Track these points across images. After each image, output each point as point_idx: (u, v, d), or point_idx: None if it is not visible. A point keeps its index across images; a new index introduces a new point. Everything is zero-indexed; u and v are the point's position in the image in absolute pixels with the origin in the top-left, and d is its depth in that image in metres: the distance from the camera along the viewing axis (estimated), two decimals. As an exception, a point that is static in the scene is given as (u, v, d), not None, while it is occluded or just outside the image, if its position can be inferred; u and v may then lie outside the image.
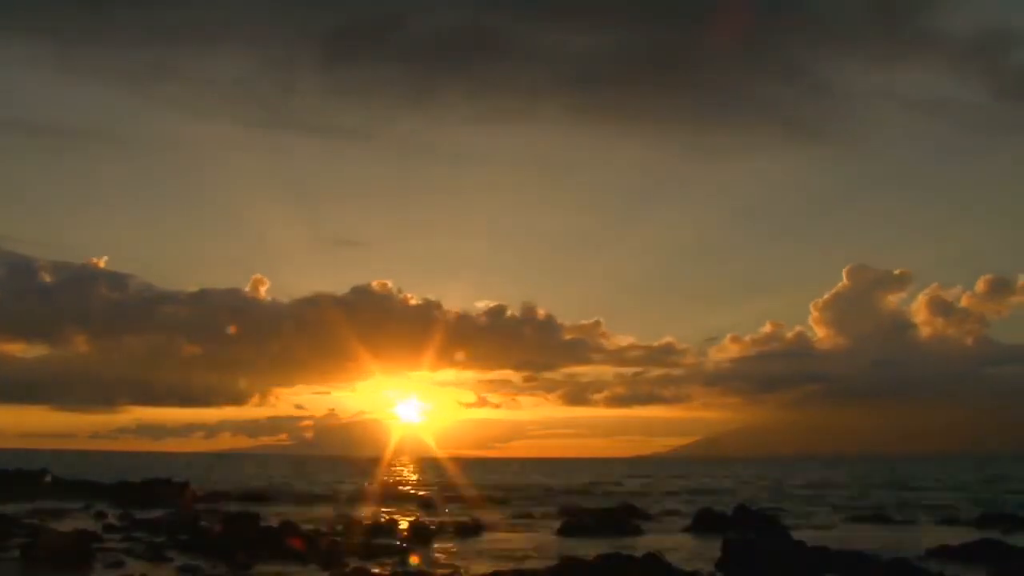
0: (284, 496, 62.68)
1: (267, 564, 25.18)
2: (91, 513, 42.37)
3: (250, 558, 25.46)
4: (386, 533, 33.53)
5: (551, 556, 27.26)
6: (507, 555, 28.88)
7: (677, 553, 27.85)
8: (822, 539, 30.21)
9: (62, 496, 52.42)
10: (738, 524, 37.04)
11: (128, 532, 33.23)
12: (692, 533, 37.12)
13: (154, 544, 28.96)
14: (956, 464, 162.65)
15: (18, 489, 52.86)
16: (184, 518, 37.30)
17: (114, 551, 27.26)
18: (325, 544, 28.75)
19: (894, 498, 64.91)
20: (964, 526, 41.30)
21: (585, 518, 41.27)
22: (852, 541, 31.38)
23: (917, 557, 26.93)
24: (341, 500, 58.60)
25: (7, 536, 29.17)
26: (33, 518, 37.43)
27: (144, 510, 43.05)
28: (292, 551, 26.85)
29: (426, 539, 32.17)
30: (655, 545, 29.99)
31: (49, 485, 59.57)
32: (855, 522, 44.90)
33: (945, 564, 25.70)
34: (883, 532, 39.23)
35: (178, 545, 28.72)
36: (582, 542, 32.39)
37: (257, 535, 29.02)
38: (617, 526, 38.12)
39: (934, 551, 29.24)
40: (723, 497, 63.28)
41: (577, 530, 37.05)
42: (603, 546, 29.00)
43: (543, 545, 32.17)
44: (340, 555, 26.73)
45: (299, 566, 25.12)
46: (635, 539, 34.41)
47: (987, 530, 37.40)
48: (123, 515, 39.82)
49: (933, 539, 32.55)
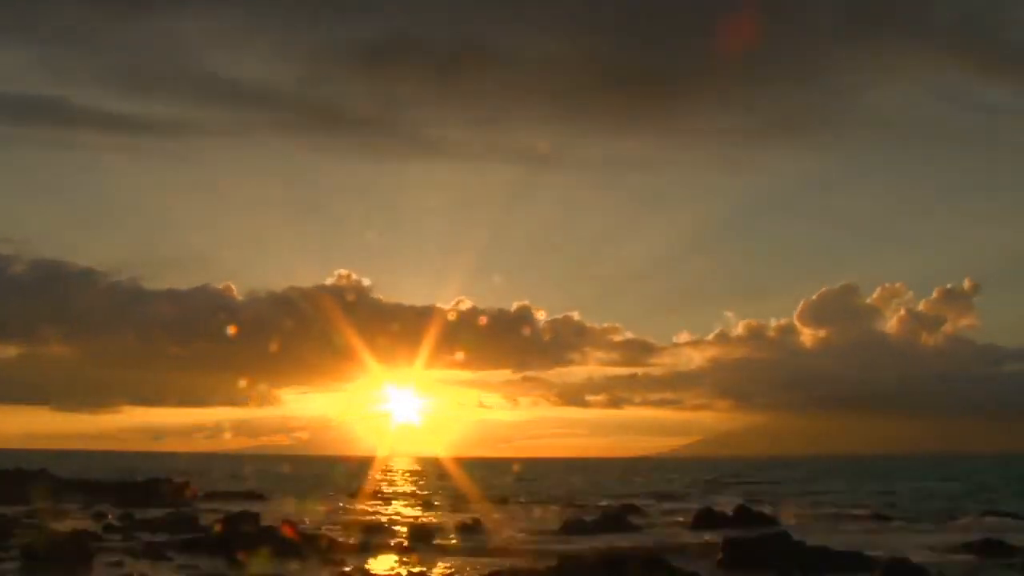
0: (284, 496, 62.64)
1: (267, 564, 25.17)
2: (91, 513, 42.32)
3: (250, 558, 25.46)
4: (386, 533, 33.53)
5: (551, 556, 27.23)
6: (507, 555, 28.85)
7: (677, 553, 27.83)
8: (822, 539, 30.22)
9: (62, 496, 52.36)
10: (738, 524, 37.12)
11: (128, 532, 33.22)
12: (692, 533, 37.11)
13: (154, 544, 28.95)
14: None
15: (18, 489, 52.76)
16: (184, 518, 37.28)
17: (114, 551, 27.27)
18: (325, 544, 28.73)
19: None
20: (964, 526, 41.27)
21: (585, 518, 41.29)
22: (852, 541, 31.38)
23: (917, 557, 26.92)
24: (341, 500, 58.61)
25: (7, 536, 29.18)
26: (33, 518, 37.39)
27: (144, 510, 43.07)
28: (292, 551, 26.83)
29: (426, 538, 32.16)
30: (655, 545, 30.01)
31: (49, 485, 59.50)
32: (855, 522, 44.85)
33: (945, 564, 25.71)
34: (883, 532, 39.20)
35: (178, 545, 28.72)
36: (582, 542, 32.36)
37: (257, 535, 29.01)
38: (617, 526, 38.14)
39: (934, 550, 29.27)
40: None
41: (577, 530, 37.06)
42: (603, 546, 29.01)
43: (543, 545, 32.13)
44: (340, 555, 26.73)
45: (299, 565, 25.11)
46: (635, 539, 34.38)
47: (987, 530, 37.39)
48: (123, 515, 39.80)
49: (933, 539, 32.57)
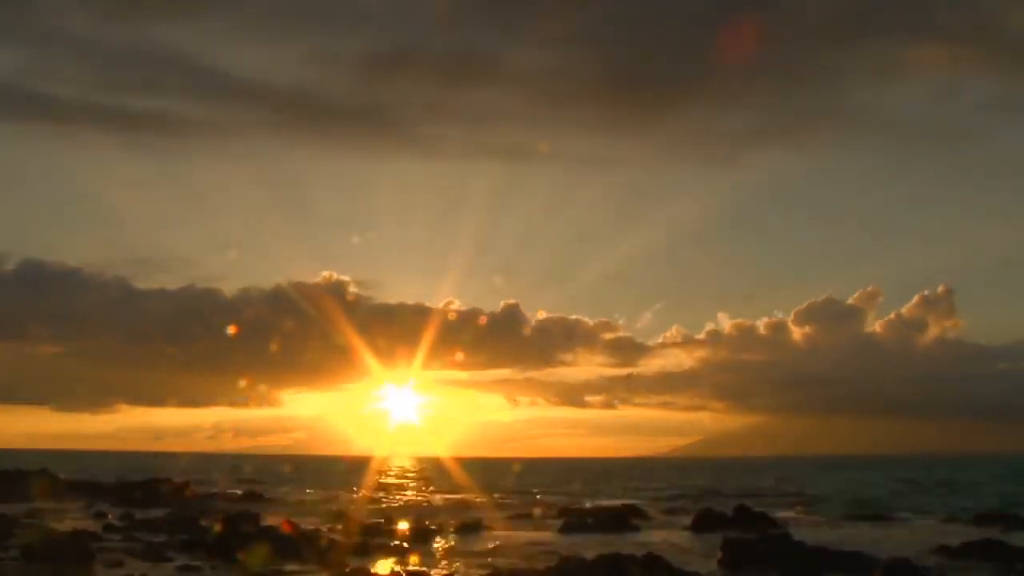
0: (284, 496, 62.65)
1: (267, 564, 25.17)
2: (91, 513, 42.35)
3: (250, 558, 25.45)
4: (386, 533, 33.53)
5: (551, 556, 27.25)
6: (507, 555, 28.86)
7: (677, 553, 27.83)
8: (822, 539, 30.23)
9: (62, 496, 52.40)
10: (738, 524, 37.13)
11: (128, 532, 33.23)
12: (692, 533, 37.13)
13: (154, 544, 28.97)
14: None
15: (18, 489, 52.80)
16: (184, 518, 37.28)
17: (114, 551, 27.27)
18: (325, 544, 28.72)
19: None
20: (964, 525, 41.28)
21: (585, 518, 41.30)
22: (852, 541, 31.38)
23: (917, 557, 26.92)
24: (341, 500, 58.61)
25: (7, 536, 29.19)
26: (33, 518, 37.41)
27: (144, 510, 43.10)
28: (292, 551, 26.82)
29: (426, 538, 32.17)
30: (655, 545, 30.01)
31: (49, 485, 59.53)
32: (855, 521, 44.88)
33: (945, 564, 25.70)
34: (883, 531, 39.20)
35: (178, 545, 28.73)
36: (582, 542, 32.37)
37: (257, 535, 29.01)
38: (617, 526, 38.16)
39: (934, 551, 29.26)
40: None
41: (577, 530, 37.08)
42: (603, 546, 29.02)
43: (543, 545, 32.14)
44: (340, 555, 26.73)
45: (299, 565, 25.11)
46: (635, 539, 34.40)
47: (987, 529, 37.40)
48: (123, 515, 39.82)
49: (933, 539, 32.56)
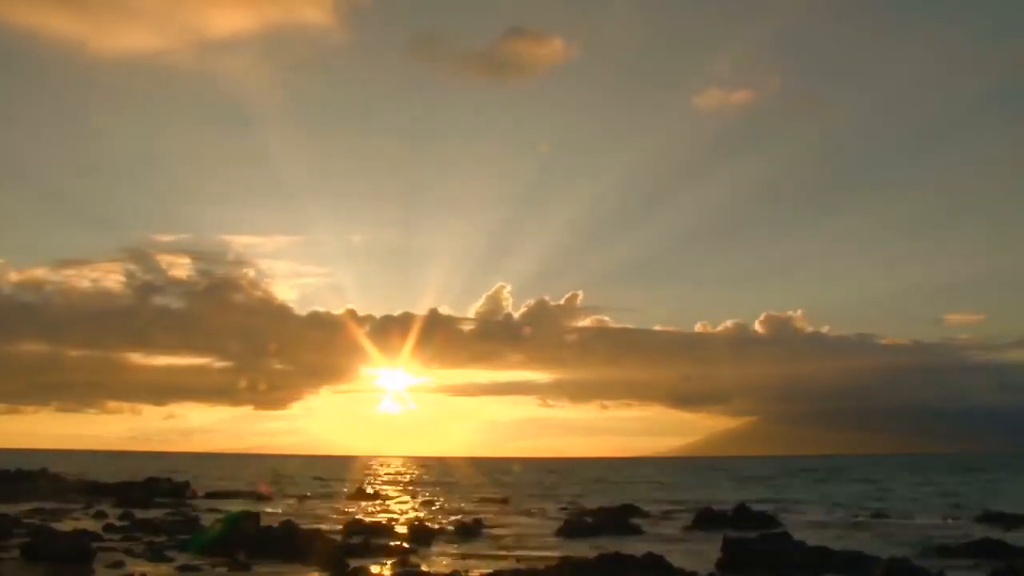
0: (284, 496, 62.70)
1: (267, 564, 25.19)
2: (91, 513, 42.35)
3: (250, 558, 25.47)
4: (386, 533, 33.52)
5: (551, 556, 27.23)
6: (507, 555, 28.85)
7: (677, 553, 27.82)
8: (822, 539, 30.22)
9: (62, 496, 52.41)
10: (738, 524, 37.11)
11: (128, 532, 33.22)
12: (692, 533, 37.13)
13: (154, 544, 28.97)
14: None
15: (18, 489, 52.85)
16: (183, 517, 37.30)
17: (114, 551, 27.26)
18: (325, 544, 28.71)
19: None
20: (964, 525, 41.29)
21: (585, 518, 41.28)
22: (852, 541, 31.38)
23: (917, 557, 26.93)
24: (340, 500, 58.67)
25: (7, 536, 29.17)
26: (33, 518, 37.40)
27: (144, 510, 43.11)
28: (292, 551, 26.82)
29: (426, 539, 32.14)
30: (655, 545, 29.99)
31: (49, 485, 59.57)
32: (855, 520, 44.88)
33: (945, 564, 25.67)
34: (883, 531, 39.20)
35: (178, 545, 28.73)
36: (582, 542, 32.37)
37: (257, 535, 29.00)
38: (617, 526, 38.12)
39: (934, 551, 29.26)
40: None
41: (577, 530, 37.05)
42: (603, 546, 29.01)
43: (543, 544, 32.14)
44: (340, 555, 26.69)
45: (299, 566, 25.10)
46: (635, 539, 34.39)
47: (987, 529, 37.41)
48: (123, 515, 39.82)
49: (933, 538, 32.56)
